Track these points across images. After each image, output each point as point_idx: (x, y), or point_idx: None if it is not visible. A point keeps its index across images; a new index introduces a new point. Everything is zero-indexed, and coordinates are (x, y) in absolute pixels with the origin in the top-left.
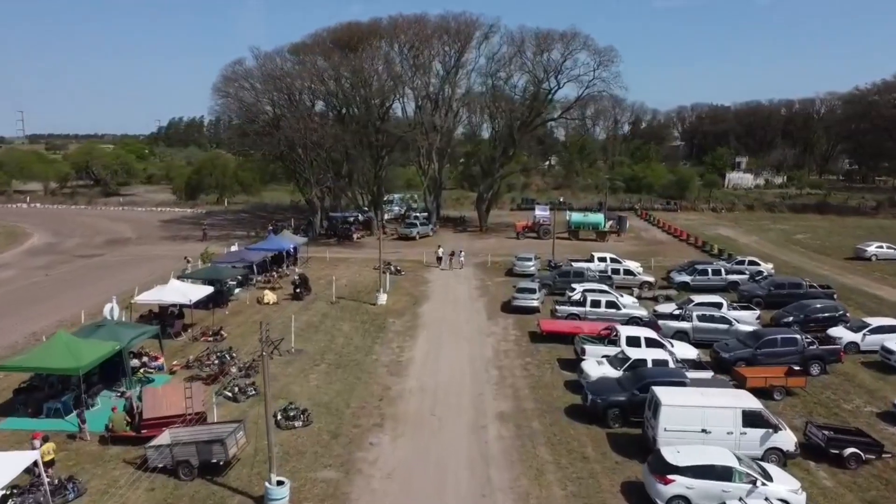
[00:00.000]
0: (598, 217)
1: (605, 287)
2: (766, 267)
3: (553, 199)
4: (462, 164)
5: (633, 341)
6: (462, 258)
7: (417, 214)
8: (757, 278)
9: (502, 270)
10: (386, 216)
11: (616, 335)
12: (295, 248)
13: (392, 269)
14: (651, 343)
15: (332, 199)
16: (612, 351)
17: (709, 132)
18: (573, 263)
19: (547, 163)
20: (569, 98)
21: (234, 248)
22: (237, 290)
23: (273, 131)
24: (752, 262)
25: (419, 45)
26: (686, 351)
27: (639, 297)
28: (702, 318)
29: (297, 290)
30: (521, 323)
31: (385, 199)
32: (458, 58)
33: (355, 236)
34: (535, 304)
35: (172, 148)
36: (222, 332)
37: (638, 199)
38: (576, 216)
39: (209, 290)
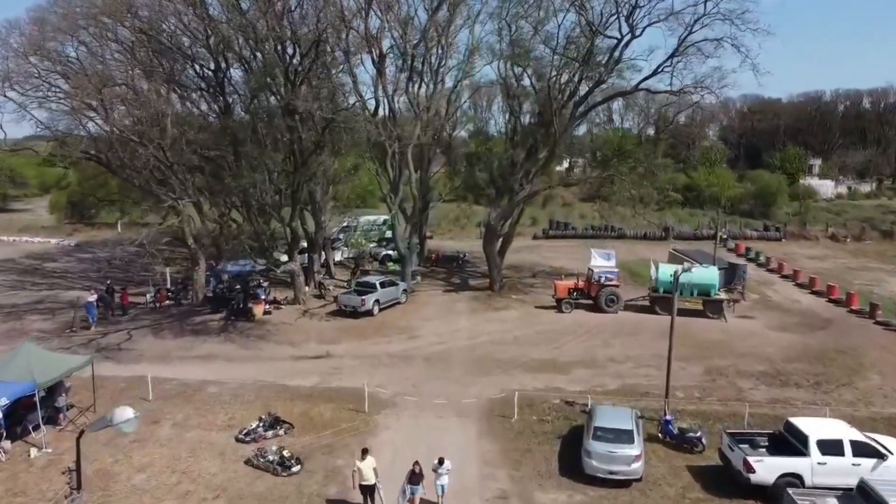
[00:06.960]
0: (709, 274)
1: None
2: None
3: (598, 222)
4: (465, 170)
5: None
6: (444, 479)
7: (390, 253)
8: None
9: (547, 434)
10: (338, 256)
11: None
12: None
13: (272, 458)
14: None
15: (233, 237)
16: None
17: (759, 130)
18: (755, 460)
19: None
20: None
21: None
22: None
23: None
24: None
25: None
26: None
27: None
28: None
29: None
30: None
31: (342, 225)
32: None
33: (258, 310)
34: None
35: None
36: None
37: (712, 219)
38: (665, 270)
39: None
